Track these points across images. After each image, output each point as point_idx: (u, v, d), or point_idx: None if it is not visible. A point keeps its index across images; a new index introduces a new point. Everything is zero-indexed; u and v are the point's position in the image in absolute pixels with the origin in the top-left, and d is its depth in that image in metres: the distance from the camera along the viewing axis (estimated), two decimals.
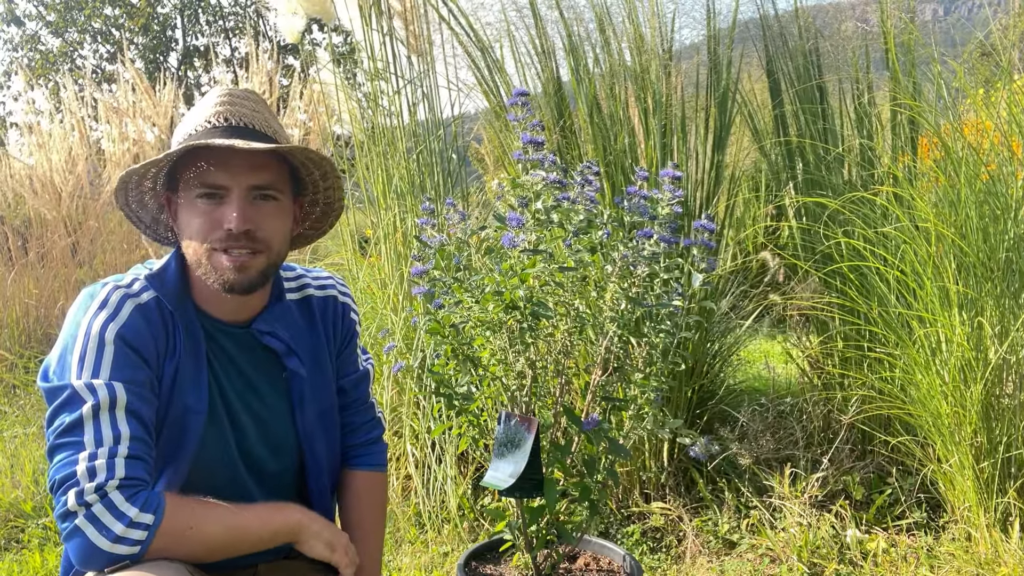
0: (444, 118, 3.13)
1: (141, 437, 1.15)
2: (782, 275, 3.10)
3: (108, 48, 17.01)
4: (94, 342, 1.16)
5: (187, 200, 1.22)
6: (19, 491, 3.06)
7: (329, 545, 1.26)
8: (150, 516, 1.09)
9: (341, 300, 1.45)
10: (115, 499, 1.09)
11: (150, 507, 1.10)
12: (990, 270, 2.24)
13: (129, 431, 1.14)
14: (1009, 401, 2.22)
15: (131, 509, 1.09)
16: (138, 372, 1.18)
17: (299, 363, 1.35)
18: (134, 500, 1.10)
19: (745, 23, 3.05)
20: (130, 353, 1.18)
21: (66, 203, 5.18)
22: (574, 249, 1.51)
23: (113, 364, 1.16)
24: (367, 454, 1.49)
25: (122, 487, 1.10)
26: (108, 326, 1.17)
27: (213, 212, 1.20)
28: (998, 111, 2.50)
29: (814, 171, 2.80)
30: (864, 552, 2.31)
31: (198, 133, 1.22)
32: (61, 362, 1.17)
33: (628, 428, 1.61)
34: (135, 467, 1.12)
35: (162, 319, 1.23)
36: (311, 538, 1.25)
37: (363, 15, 3.05)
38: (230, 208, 1.19)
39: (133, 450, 1.13)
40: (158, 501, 1.11)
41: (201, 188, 1.20)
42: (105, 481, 1.09)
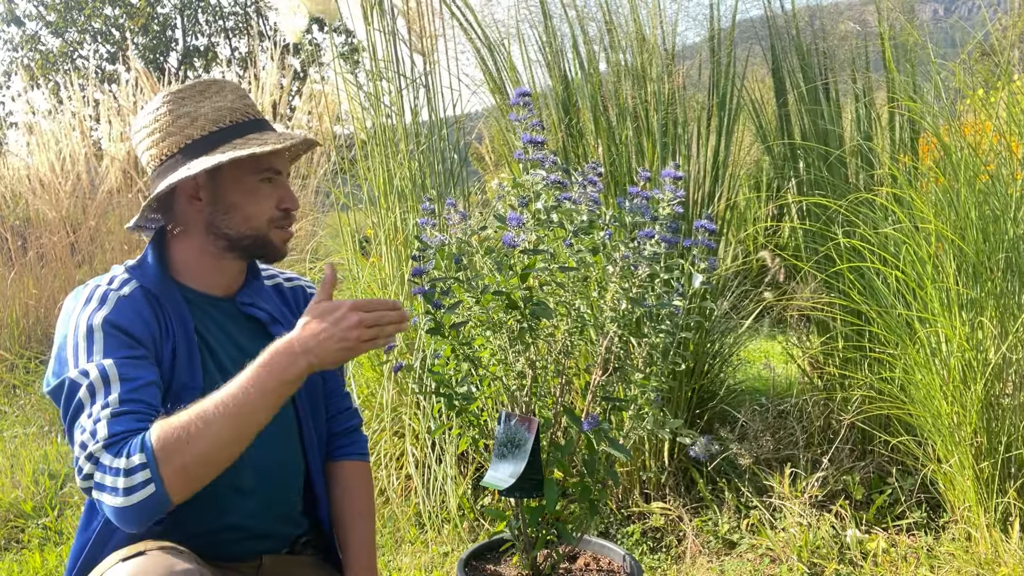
0: (446, 117, 3.13)
1: (131, 397, 1.15)
2: (782, 275, 3.10)
3: (108, 48, 17.01)
4: (83, 331, 1.20)
5: (241, 182, 1.32)
6: (19, 491, 3.06)
7: (343, 342, 1.15)
8: (139, 455, 1.08)
9: (308, 291, 1.54)
10: (105, 460, 1.09)
11: (135, 449, 1.08)
12: (990, 270, 2.24)
13: (117, 395, 1.14)
14: (1009, 401, 2.22)
15: (119, 461, 1.08)
16: (130, 351, 1.20)
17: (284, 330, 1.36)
18: (120, 453, 1.09)
19: (750, 21, 3.06)
20: (120, 335, 1.20)
21: (65, 202, 5.18)
22: (575, 249, 1.51)
23: (105, 346, 1.19)
24: (350, 443, 1.53)
25: (107, 446, 1.10)
26: (95, 315, 1.21)
27: (272, 193, 1.34)
28: (997, 111, 2.50)
29: (815, 171, 2.80)
30: (864, 552, 2.31)
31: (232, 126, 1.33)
32: (58, 360, 1.20)
33: (628, 428, 1.61)
34: (119, 423, 1.12)
35: (150, 306, 1.27)
36: (319, 360, 1.15)
37: (365, 14, 3.05)
38: (285, 189, 1.36)
39: (119, 409, 1.13)
40: (143, 436, 1.09)
41: (264, 173, 1.33)
42: (91, 448, 1.10)
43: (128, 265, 1.33)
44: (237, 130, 1.33)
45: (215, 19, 18.27)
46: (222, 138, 1.31)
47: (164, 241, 1.37)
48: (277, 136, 1.33)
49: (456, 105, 3.15)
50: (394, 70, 3.09)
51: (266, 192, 1.34)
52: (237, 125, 1.34)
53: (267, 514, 1.37)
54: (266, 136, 1.33)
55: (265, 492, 1.36)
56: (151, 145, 1.33)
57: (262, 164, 1.33)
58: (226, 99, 1.34)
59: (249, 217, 1.33)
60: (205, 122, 1.32)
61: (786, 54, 2.93)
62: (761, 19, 3.01)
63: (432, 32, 3.04)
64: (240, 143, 1.31)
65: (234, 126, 1.33)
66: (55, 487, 3.10)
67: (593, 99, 2.77)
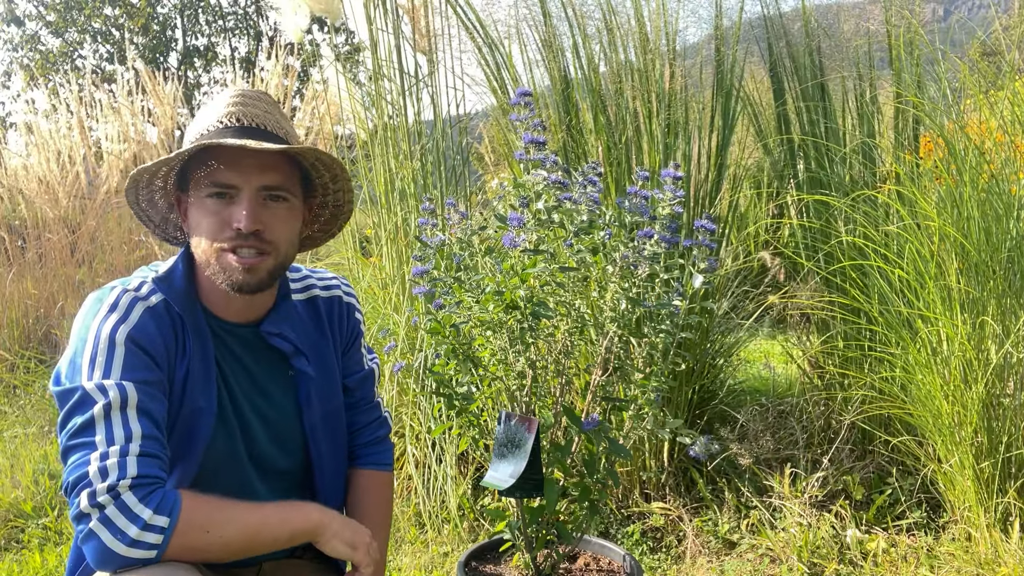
0: (449, 117, 3.13)
1: (153, 435, 1.13)
2: (782, 275, 3.10)
3: (108, 48, 17.01)
4: (105, 344, 1.15)
5: (197, 199, 1.22)
6: (19, 491, 3.06)
7: (350, 544, 1.22)
8: (164, 518, 1.06)
9: (346, 300, 1.46)
10: (128, 500, 1.06)
11: (165, 508, 1.07)
12: (992, 269, 2.24)
13: (141, 429, 1.11)
14: (1010, 401, 2.22)
15: (145, 510, 1.06)
16: (149, 372, 1.17)
17: (306, 363, 1.35)
18: (148, 501, 1.07)
19: (750, 21, 3.05)
20: (140, 354, 1.17)
21: (64, 203, 5.18)
22: (575, 249, 1.50)
23: (124, 364, 1.15)
24: (373, 453, 1.50)
25: (135, 487, 1.07)
26: (119, 328, 1.17)
27: (223, 211, 1.20)
28: (1001, 110, 2.50)
29: (816, 169, 2.80)
30: (864, 552, 2.31)
31: (210, 133, 1.21)
32: (72, 366, 1.16)
33: (628, 428, 1.61)
34: (148, 465, 1.10)
35: (171, 321, 1.22)
36: (332, 538, 1.20)
37: (368, 13, 3.05)
38: (239, 208, 1.19)
39: (146, 448, 1.11)
40: (173, 500, 1.08)
41: (211, 187, 1.19)
42: (117, 481, 1.06)
43: (157, 275, 1.26)
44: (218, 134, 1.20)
45: (215, 19, 18.26)
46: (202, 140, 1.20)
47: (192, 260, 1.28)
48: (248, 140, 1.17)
49: (460, 105, 3.15)
50: (396, 69, 3.08)
51: (216, 209, 1.19)
52: (220, 130, 1.21)
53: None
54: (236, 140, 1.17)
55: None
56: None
57: (216, 178, 1.19)
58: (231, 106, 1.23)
59: (201, 240, 1.21)
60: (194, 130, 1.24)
61: (786, 53, 2.93)
62: (761, 18, 3.01)
63: (433, 31, 3.04)
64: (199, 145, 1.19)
65: (217, 131, 1.21)
66: (55, 487, 3.10)
67: (593, 99, 2.77)
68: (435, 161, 3.07)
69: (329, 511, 1.24)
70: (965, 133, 2.44)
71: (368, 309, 3.11)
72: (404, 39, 3.09)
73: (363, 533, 1.25)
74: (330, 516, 1.22)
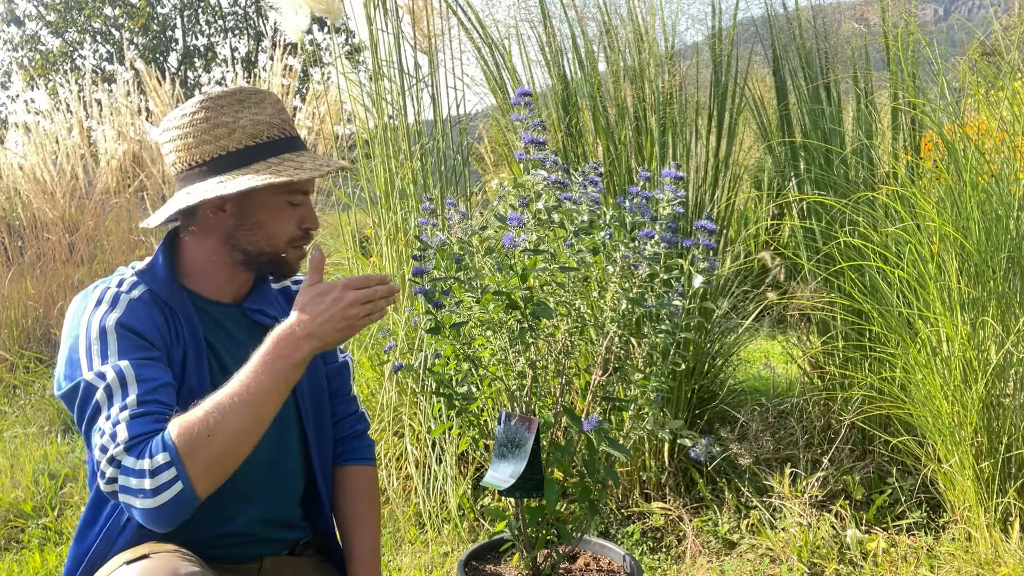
0: (449, 117, 3.13)
1: (149, 399, 1.15)
2: (782, 275, 3.10)
3: (108, 48, 17.01)
4: (96, 333, 1.19)
5: (270, 203, 1.31)
6: (19, 491, 3.06)
7: (344, 321, 1.18)
8: (162, 455, 1.08)
9: None
10: (128, 463, 1.09)
11: (157, 449, 1.09)
12: (992, 269, 2.24)
13: (135, 396, 1.14)
14: (1010, 401, 2.22)
15: (143, 462, 1.09)
16: (145, 351, 1.20)
17: None
18: (142, 454, 1.09)
19: (751, 20, 3.06)
20: (133, 337, 1.20)
21: (62, 202, 5.18)
22: (575, 249, 1.51)
23: (118, 348, 1.18)
24: (357, 448, 1.53)
25: (128, 449, 1.10)
26: (107, 317, 1.20)
27: (294, 213, 1.33)
28: (1000, 110, 2.50)
29: (817, 170, 2.80)
30: (864, 552, 2.31)
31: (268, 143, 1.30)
32: (70, 363, 1.19)
33: (628, 428, 1.61)
34: (138, 424, 1.12)
35: (160, 311, 1.27)
36: (321, 343, 1.18)
37: (368, 13, 3.05)
38: (309, 210, 1.35)
39: (137, 411, 1.13)
40: (161, 436, 1.10)
41: (292, 195, 1.32)
42: (113, 451, 1.10)
43: (137, 269, 1.32)
44: (273, 147, 1.31)
45: (215, 19, 18.26)
46: (257, 154, 1.29)
47: (175, 245, 1.35)
48: (313, 162, 1.31)
49: (460, 105, 3.15)
50: (396, 70, 3.08)
51: (290, 212, 1.33)
52: (273, 142, 1.31)
53: (268, 520, 1.37)
54: (302, 159, 1.31)
55: (266, 499, 1.36)
56: (182, 148, 1.30)
57: (292, 186, 1.32)
58: (265, 112, 1.31)
59: (271, 236, 1.33)
60: (242, 135, 1.29)
61: (787, 52, 2.93)
62: (762, 18, 3.01)
63: (433, 31, 3.04)
64: (275, 163, 1.29)
65: (270, 143, 1.31)
66: (55, 487, 3.10)
67: (592, 99, 2.77)
68: (435, 161, 3.07)
69: (291, 319, 1.19)
70: (965, 133, 2.44)
71: None
72: (404, 39, 3.09)
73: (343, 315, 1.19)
74: (295, 315, 1.19)
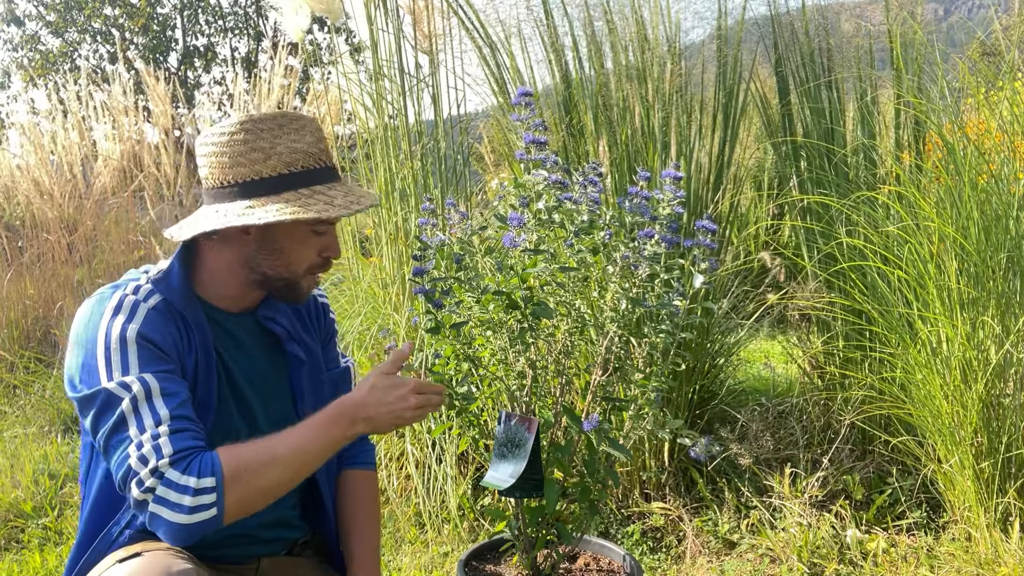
0: (449, 117, 3.13)
1: (181, 414, 1.18)
2: (782, 275, 3.10)
3: (108, 48, 17.01)
4: (116, 343, 1.20)
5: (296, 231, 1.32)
6: (19, 491, 3.05)
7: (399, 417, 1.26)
8: (210, 478, 1.12)
9: (320, 300, 1.55)
10: (172, 476, 1.12)
11: (207, 469, 1.12)
12: (991, 269, 2.24)
13: (168, 411, 1.17)
14: (1010, 401, 2.22)
15: (190, 479, 1.11)
16: (164, 364, 1.22)
17: (298, 348, 1.43)
18: (190, 470, 1.12)
19: (754, 20, 3.06)
20: (152, 348, 1.22)
21: (63, 203, 5.17)
22: (576, 249, 1.51)
23: (140, 360, 1.20)
24: (358, 453, 1.54)
25: (174, 462, 1.12)
26: (128, 327, 1.21)
27: (318, 242, 1.34)
28: (1000, 110, 2.50)
29: (818, 170, 2.80)
30: (864, 552, 2.31)
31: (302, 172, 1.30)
32: (86, 369, 1.19)
33: (628, 428, 1.61)
34: (180, 439, 1.15)
35: (174, 320, 1.28)
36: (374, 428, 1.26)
37: (368, 13, 3.04)
38: (332, 239, 1.36)
39: (175, 425, 1.16)
40: (212, 460, 1.14)
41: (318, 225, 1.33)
42: (157, 463, 1.12)
43: (152, 277, 1.31)
44: (306, 177, 1.29)
45: (215, 19, 18.26)
46: (289, 183, 1.28)
47: (192, 253, 1.35)
48: (344, 198, 1.30)
49: (461, 105, 3.15)
50: (397, 69, 3.08)
51: (314, 242, 1.34)
52: (307, 172, 1.30)
53: (266, 522, 1.37)
54: (333, 193, 1.30)
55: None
56: (216, 166, 1.29)
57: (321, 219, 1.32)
58: (303, 140, 1.30)
59: (291, 263, 1.34)
60: (277, 163, 1.28)
61: (789, 52, 2.93)
62: (765, 17, 3.01)
63: (433, 31, 3.04)
64: (306, 195, 1.28)
65: (304, 172, 1.30)
66: (55, 487, 3.10)
67: (594, 99, 2.77)
68: (435, 161, 3.07)
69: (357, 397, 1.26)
70: (965, 133, 2.44)
71: (368, 309, 3.11)
72: (405, 39, 3.09)
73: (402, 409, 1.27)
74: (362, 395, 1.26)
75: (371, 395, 1.25)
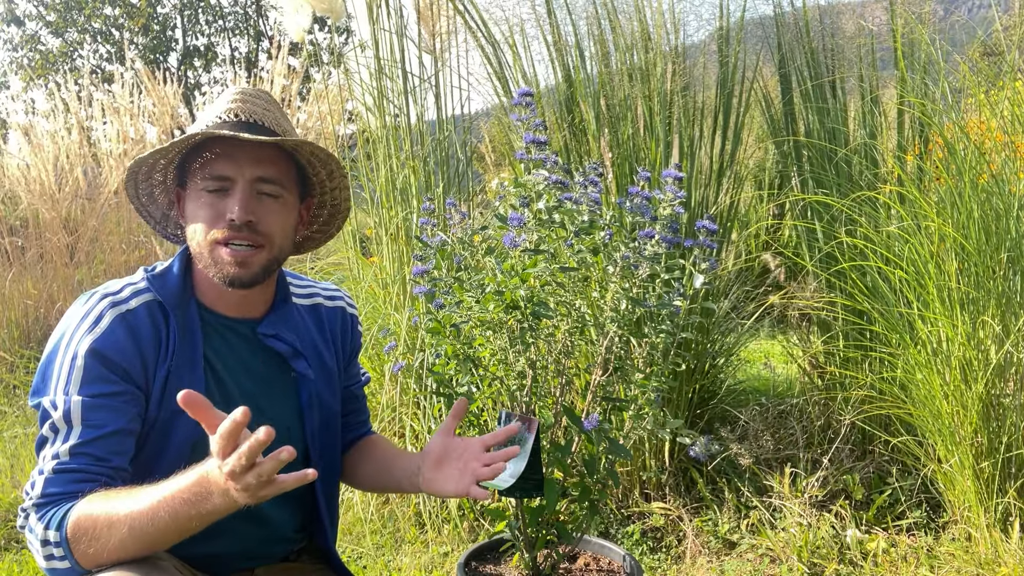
0: (453, 116, 3.13)
1: (83, 451, 1.11)
2: (783, 275, 3.10)
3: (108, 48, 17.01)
4: (68, 357, 1.15)
5: (193, 192, 1.22)
6: (19, 491, 3.06)
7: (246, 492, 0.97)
8: (54, 532, 1.07)
9: (350, 312, 1.47)
10: (31, 521, 1.10)
11: (54, 523, 1.08)
12: (992, 269, 2.23)
13: (68, 445, 1.11)
14: (1010, 400, 2.22)
15: (41, 529, 1.08)
16: (109, 385, 1.15)
17: (306, 365, 1.34)
18: (43, 518, 1.09)
19: (758, 20, 3.06)
20: (101, 368, 1.15)
21: (64, 203, 5.18)
22: (576, 249, 1.51)
23: (82, 379, 1.14)
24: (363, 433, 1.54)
25: (38, 506, 1.10)
26: (83, 340, 1.15)
27: (217, 204, 1.19)
28: (1001, 110, 2.50)
29: (819, 169, 2.80)
30: (864, 552, 2.31)
31: (208, 128, 1.20)
32: (42, 376, 1.18)
33: (628, 428, 1.61)
34: (54, 483, 1.10)
35: (153, 324, 1.20)
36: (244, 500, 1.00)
37: (370, 13, 3.04)
38: (233, 200, 1.18)
39: (62, 465, 1.11)
40: (64, 514, 1.07)
41: (207, 180, 1.19)
42: (29, 501, 1.11)
43: (150, 273, 1.25)
44: (217, 128, 1.19)
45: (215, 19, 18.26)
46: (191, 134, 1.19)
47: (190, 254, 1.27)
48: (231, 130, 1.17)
49: (463, 105, 3.15)
50: (399, 69, 3.08)
51: (208, 200, 1.19)
52: (219, 124, 1.19)
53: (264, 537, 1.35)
54: (226, 132, 1.16)
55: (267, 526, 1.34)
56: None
57: (212, 169, 1.19)
58: (233, 103, 1.22)
59: (195, 232, 1.20)
60: (199, 124, 1.22)
61: (793, 51, 2.93)
62: (767, 17, 3.01)
63: (437, 30, 3.04)
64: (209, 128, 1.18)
65: (216, 124, 1.19)
66: None
67: (596, 98, 2.77)
68: (437, 161, 3.07)
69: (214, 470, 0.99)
70: (965, 133, 2.44)
71: (369, 309, 3.12)
72: (407, 38, 3.09)
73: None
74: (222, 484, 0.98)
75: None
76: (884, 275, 2.42)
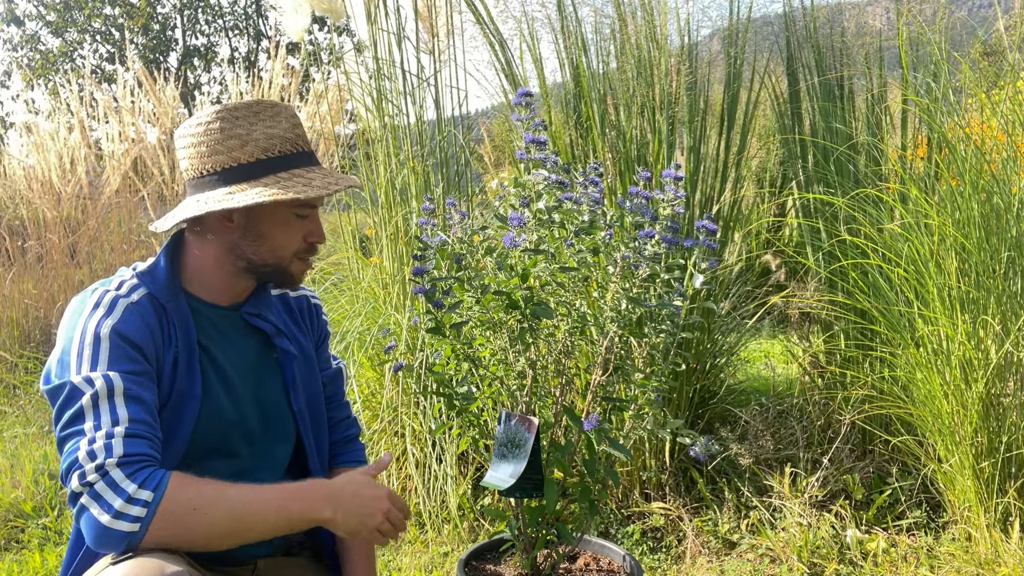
0: (453, 116, 3.13)
1: (142, 419, 1.17)
2: (783, 275, 3.10)
3: (108, 48, 17.01)
4: (91, 338, 1.20)
5: (277, 215, 1.33)
6: (19, 491, 3.06)
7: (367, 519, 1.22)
8: (148, 492, 1.10)
9: (313, 301, 1.56)
10: (115, 476, 1.10)
11: (150, 484, 1.10)
12: (992, 268, 2.23)
13: (128, 414, 1.16)
14: (1010, 400, 2.22)
15: (130, 485, 1.09)
16: (135, 364, 1.21)
17: (288, 343, 1.43)
18: (134, 477, 1.10)
19: (764, 19, 3.06)
20: (126, 347, 1.21)
21: (65, 203, 5.18)
22: (576, 249, 1.50)
23: (110, 357, 1.19)
24: (349, 451, 1.56)
25: (121, 464, 1.11)
26: (104, 322, 1.21)
27: (301, 227, 1.36)
28: (1001, 109, 2.50)
29: (822, 167, 2.80)
30: (864, 552, 2.31)
31: (280, 157, 1.31)
32: (61, 364, 1.20)
33: (628, 428, 1.61)
34: (135, 444, 1.13)
35: (155, 314, 1.28)
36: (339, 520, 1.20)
37: (368, 13, 3.04)
38: (316, 224, 1.37)
39: (132, 430, 1.14)
40: (160, 478, 1.11)
41: (300, 208, 1.34)
42: (104, 460, 1.11)
43: (138, 271, 1.32)
44: (284, 162, 1.31)
45: (215, 19, 18.26)
46: (268, 168, 1.29)
47: (179, 248, 1.36)
48: (323, 179, 1.32)
49: (463, 105, 3.15)
50: (399, 69, 3.08)
51: (297, 226, 1.35)
52: (285, 156, 1.32)
53: None
54: (312, 175, 1.32)
55: None
56: (195, 156, 1.30)
57: (301, 201, 1.32)
58: (279, 126, 1.32)
59: (276, 248, 1.34)
60: (254, 148, 1.29)
61: (800, 51, 2.94)
62: (774, 16, 3.02)
63: (438, 29, 3.04)
64: (285, 178, 1.30)
65: (281, 157, 1.31)
66: (55, 487, 3.10)
67: (600, 96, 2.77)
68: (436, 161, 3.07)
69: (334, 484, 1.22)
70: (966, 133, 2.44)
71: (368, 309, 3.11)
72: (407, 39, 3.09)
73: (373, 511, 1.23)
74: (338, 486, 1.22)
75: (349, 487, 1.23)
76: (885, 274, 2.41)
